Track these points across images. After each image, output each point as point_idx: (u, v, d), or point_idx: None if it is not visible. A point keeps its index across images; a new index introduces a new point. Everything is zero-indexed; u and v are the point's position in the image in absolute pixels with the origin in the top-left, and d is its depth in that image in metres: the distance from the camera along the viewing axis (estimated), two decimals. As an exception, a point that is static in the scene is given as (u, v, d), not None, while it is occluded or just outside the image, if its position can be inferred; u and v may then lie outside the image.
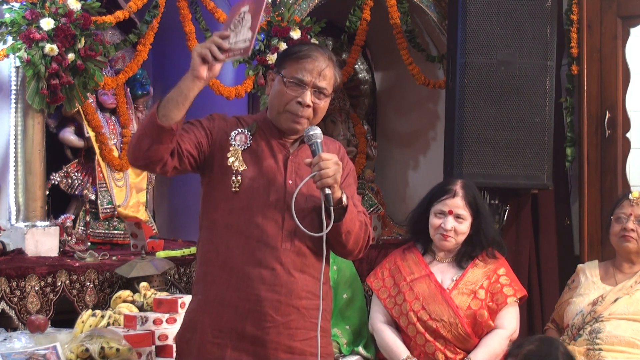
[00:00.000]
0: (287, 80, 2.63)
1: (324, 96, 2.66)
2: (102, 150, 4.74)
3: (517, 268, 4.65)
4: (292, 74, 2.63)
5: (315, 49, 2.69)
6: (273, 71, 2.72)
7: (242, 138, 2.67)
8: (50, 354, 3.28)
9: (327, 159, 2.53)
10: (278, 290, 2.60)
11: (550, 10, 4.76)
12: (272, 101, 2.69)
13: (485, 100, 4.71)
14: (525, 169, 4.73)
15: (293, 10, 4.91)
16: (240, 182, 2.60)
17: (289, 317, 2.62)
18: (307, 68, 2.62)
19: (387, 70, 6.18)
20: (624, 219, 3.81)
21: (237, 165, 2.62)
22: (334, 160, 2.54)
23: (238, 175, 2.61)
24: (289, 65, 2.64)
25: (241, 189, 2.60)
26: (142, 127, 2.53)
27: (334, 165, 2.53)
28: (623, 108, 5.06)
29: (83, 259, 4.15)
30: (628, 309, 3.71)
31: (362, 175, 5.72)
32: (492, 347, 3.60)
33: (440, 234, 3.71)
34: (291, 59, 2.65)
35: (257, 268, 2.59)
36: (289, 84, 2.63)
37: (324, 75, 2.64)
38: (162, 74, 5.61)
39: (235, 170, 2.61)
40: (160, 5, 4.60)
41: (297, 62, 2.63)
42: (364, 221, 2.71)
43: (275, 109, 2.67)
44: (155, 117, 2.45)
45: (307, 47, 2.71)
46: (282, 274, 2.60)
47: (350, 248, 2.69)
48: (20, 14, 3.99)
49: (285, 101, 2.64)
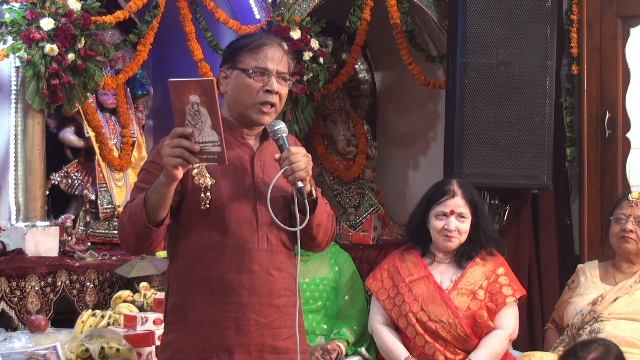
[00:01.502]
0: (250, 72, 2.59)
1: (284, 81, 2.64)
2: (102, 150, 4.74)
3: (517, 268, 4.65)
4: (254, 64, 2.59)
5: (266, 37, 2.67)
6: (225, 68, 2.66)
7: None
8: (50, 354, 3.28)
9: (296, 153, 2.51)
10: (258, 292, 2.57)
11: (550, 10, 4.76)
12: (237, 96, 2.62)
13: (485, 100, 4.71)
14: (525, 169, 4.73)
15: (293, 10, 4.91)
16: (210, 197, 2.54)
17: (271, 317, 2.60)
18: (267, 56, 2.60)
19: (387, 70, 6.18)
20: (624, 220, 3.81)
21: (203, 181, 2.54)
22: (303, 153, 2.52)
23: (207, 192, 2.54)
24: (246, 57, 2.60)
25: (211, 205, 2.54)
26: (136, 234, 2.48)
27: (304, 157, 2.51)
28: (623, 108, 5.06)
29: (83, 259, 4.15)
30: (627, 308, 3.71)
31: (362, 175, 5.72)
32: (492, 347, 3.60)
33: (444, 236, 3.70)
34: (246, 50, 2.61)
35: (236, 274, 2.55)
36: (254, 75, 2.59)
37: (283, 61, 2.63)
38: (162, 74, 5.61)
39: (204, 187, 2.54)
40: (160, 5, 4.60)
41: (254, 52, 2.60)
42: (330, 212, 2.70)
43: (242, 104, 2.61)
44: (149, 227, 2.44)
45: (257, 36, 2.68)
46: (261, 275, 2.57)
47: (319, 240, 2.67)
48: (20, 14, 3.99)
49: (253, 93, 2.59)
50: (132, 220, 2.48)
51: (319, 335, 3.94)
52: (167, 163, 2.37)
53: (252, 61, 2.60)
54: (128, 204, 2.55)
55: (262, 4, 4.97)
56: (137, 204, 2.47)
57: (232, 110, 2.66)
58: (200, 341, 2.56)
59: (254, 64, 2.59)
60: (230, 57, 2.66)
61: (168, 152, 2.37)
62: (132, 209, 2.49)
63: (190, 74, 5.01)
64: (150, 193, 2.44)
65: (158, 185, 2.42)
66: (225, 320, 2.56)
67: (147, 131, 5.58)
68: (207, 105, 2.32)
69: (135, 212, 2.47)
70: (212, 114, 2.32)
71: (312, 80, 4.96)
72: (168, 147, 2.37)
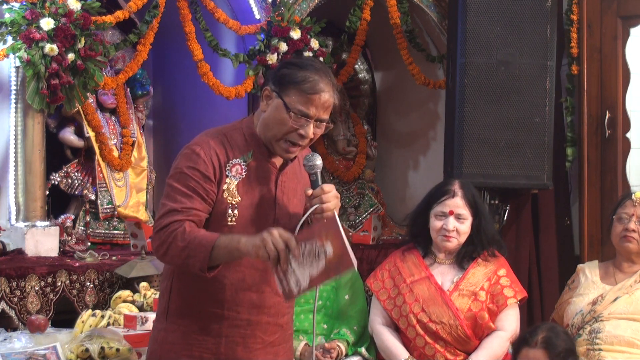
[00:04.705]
0: (292, 113, 2.51)
1: (323, 124, 2.58)
2: (102, 150, 4.74)
3: (517, 268, 4.65)
4: (298, 107, 2.50)
5: (320, 79, 2.53)
6: (271, 88, 2.56)
7: (238, 169, 2.56)
8: (50, 354, 3.28)
9: (328, 192, 2.50)
10: (267, 312, 2.60)
11: (550, 10, 4.76)
12: (271, 125, 2.55)
13: (485, 100, 4.71)
14: (525, 169, 4.74)
15: (293, 10, 4.91)
16: (237, 215, 2.54)
17: (274, 335, 2.64)
18: (314, 103, 2.51)
19: (387, 70, 6.18)
20: (626, 219, 3.81)
21: (230, 199, 2.53)
22: (334, 193, 2.52)
23: (235, 209, 2.54)
24: (294, 94, 2.51)
25: (237, 221, 2.54)
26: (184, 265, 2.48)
27: (334, 198, 2.51)
28: (623, 108, 5.07)
29: (83, 259, 4.15)
30: (627, 308, 3.71)
31: (362, 175, 5.72)
32: (492, 349, 3.59)
33: (443, 236, 3.69)
34: (297, 88, 2.51)
35: (247, 292, 2.57)
36: (293, 116, 2.51)
37: (328, 108, 2.57)
38: (162, 74, 5.61)
39: (231, 204, 2.53)
40: (160, 5, 4.60)
41: (303, 94, 2.51)
42: None
43: (272, 134, 2.56)
44: (204, 271, 2.44)
45: (313, 77, 2.53)
46: (270, 295, 2.59)
47: None
48: (20, 14, 3.99)
49: (286, 131, 2.53)
50: (189, 255, 2.44)
51: (318, 335, 3.94)
52: (260, 247, 2.36)
53: (299, 104, 2.51)
54: (179, 228, 2.47)
55: (262, 4, 4.97)
56: (204, 245, 2.43)
57: (262, 132, 2.59)
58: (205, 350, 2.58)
59: (299, 107, 2.51)
60: (280, 82, 2.55)
61: (269, 244, 2.35)
62: (196, 245, 2.44)
63: (190, 74, 5.03)
64: (223, 246, 2.42)
65: (235, 247, 2.41)
66: (234, 335, 2.58)
67: (147, 131, 5.58)
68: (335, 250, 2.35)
69: (197, 251, 2.43)
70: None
71: (312, 80, 4.95)
72: (272, 239, 2.35)
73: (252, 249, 2.38)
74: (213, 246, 2.41)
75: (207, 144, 2.55)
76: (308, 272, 2.36)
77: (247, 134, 2.61)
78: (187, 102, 5.55)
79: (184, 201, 2.49)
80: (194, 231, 2.47)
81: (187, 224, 2.47)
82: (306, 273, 2.36)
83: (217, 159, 2.54)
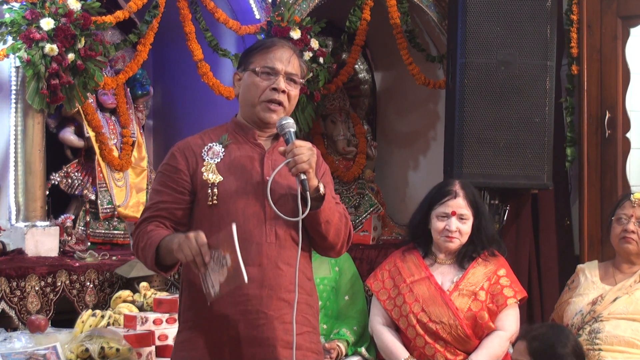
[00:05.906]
0: (259, 71, 2.67)
1: (294, 83, 2.70)
2: (102, 150, 4.74)
3: (517, 268, 4.65)
4: (263, 64, 2.67)
5: (277, 40, 2.76)
6: (239, 71, 2.75)
7: (215, 151, 2.68)
8: (50, 354, 3.28)
9: (300, 146, 2.55)
10: (267, 285, 2.58)
11: (550, 10, 4.76)
12: (246, 96, 2.71)
13: (485, 100, 4.71)
14: (525, 169, 4.73)
15: (293, 10, 4.91)
16: (217, 194, 2.61)
17: (281, 311, 2.60)
18: (276, 57, 2.68)
19: (387, 70, 6.18)
20: (625, 220, 3.81)
21: (212, 178, 2.63)
22: (307, 147, 2.56)
23: (214, 188, 2.61)
24: (257, 58, 2.69)
25: (219, 200, 2.60)
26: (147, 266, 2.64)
27: (308, 150, 2.55)
28: (623, 108, 5.07)
29: (83, 259, 4.15)
30: (627, 308, 3.71)
31: (362, 175, 5.72)
32: (492, 349, 3.60)
33: (445, 236, 3.70)
34: (257, 52, 2.70)
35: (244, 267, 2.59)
36: (261, 74, 2.67)
37: (292, 62, 2.70)
38: (162, 74, 5.61)
39: (211, 184, 2.62)
40: (160, 5, 4.60)
41: (264, 53, 2.69)
42: (344, 213, 2.71)
43: (250, 102, 2.69)
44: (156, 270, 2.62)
45: (269, 40, 2.79)
46: (269, 268, 2.59)
47: (331, 240, 2.67)
48: (20, 14, 3.99)
49: (260, 91, 2.67)
50: (144, 255, 2.60)
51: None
52: (178, 252, 2.45)
53: (262, 61, 2.68)
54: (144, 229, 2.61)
55: (262, 4, 4.97)
56: (152, 246, 2.55)
57: (243, 111, 2.74)
58: (210, 336, 2.59)
59: (262, 63, 2.68)
60: (243, 60, 2.75)
61: (186, 248, 2.42)
62: (147, 243, 2.58)
63: (190, 74, 5.03)
64: (164, 246, 2.53)
65: (170, 248, 2.50)
66: (233, 313, 2.57)
67: (147, 131, 5.58)
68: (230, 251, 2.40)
69: (148, 252, 2.57)
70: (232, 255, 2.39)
71: (312, 80, 4.97)
72: (188, 244, 2.42)
73: (176, 252, 2.46)
74: (157, 246, 2.54)
75: (185, 141, 2.73)
76: (218, 278, 2.41)
77: (230, 125, 2.75)
78: (187, 102, 5.55)
79: (155, 198, 2.67)
80: (153, 230, 2.59)
81: (153, 223, 2.61)
82: (216, 278, 2.42)
83: (191, 149, 2.68)
